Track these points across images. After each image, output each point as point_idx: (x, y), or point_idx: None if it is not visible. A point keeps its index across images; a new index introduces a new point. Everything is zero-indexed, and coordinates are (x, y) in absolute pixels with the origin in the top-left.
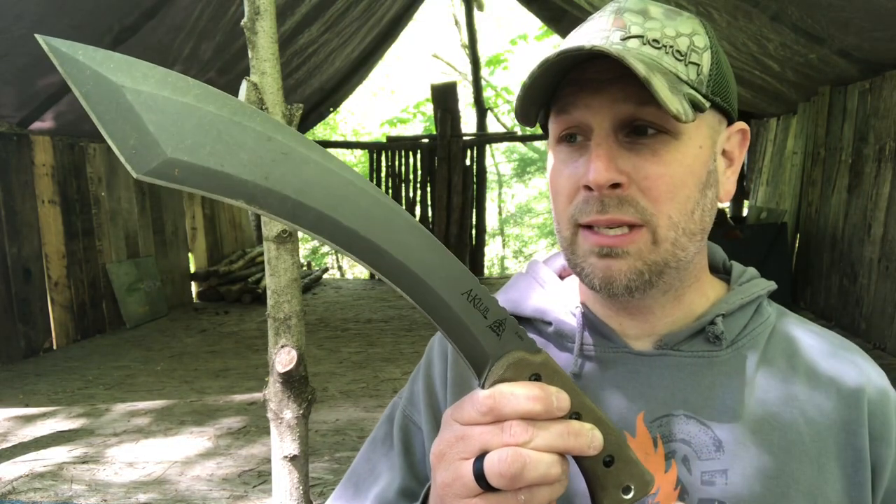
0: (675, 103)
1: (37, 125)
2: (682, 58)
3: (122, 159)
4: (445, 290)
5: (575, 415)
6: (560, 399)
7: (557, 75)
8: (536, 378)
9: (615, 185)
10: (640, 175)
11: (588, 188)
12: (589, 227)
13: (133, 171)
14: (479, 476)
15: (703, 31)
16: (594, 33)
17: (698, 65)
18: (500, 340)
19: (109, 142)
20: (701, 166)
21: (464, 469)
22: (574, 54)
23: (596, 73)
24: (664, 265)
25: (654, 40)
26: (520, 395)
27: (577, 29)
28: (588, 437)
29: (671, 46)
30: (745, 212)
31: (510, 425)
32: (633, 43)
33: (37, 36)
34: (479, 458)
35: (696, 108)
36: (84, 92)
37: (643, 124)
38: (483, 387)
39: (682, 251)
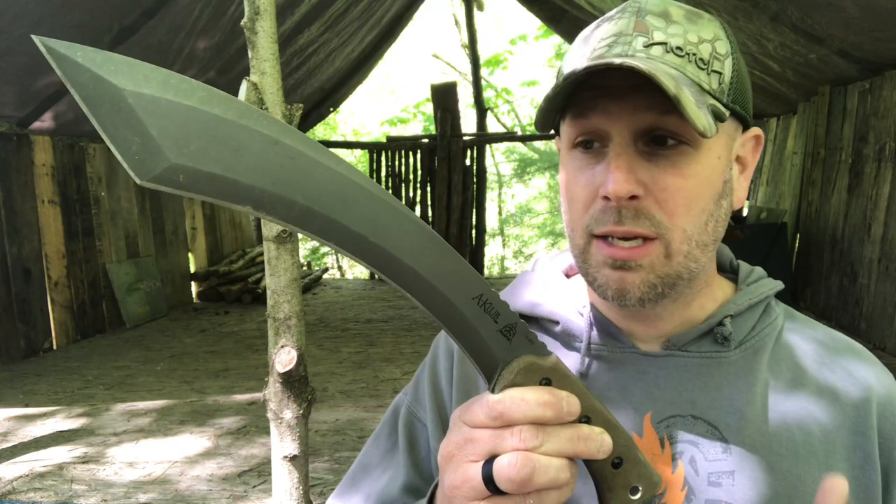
0: (701, 119)
1: (37, 125)
2: (704, 66)
3: (125, 165)
4: (456, 295)
5: (584, 418)
6: (570, 404)
7: (578, 79)
8: (546, 382)
9: (633, 197)
10: (658, 187)
11: (606, 198)
12: (603, 237)
13: (136, 178)
14: (488, 479)
15: (725, 35)
16: (614, 37)
17: (720, 73)
18: (511, 345)
19: (112, 147)
20: (718, 177)
21: (472, 471)
22: (602, 67)
23: (617, 79)
24: (676, 277)
25: (678, 48)
26: (530, 400)
27: (595, 27)
28: (597, 442)
29: (694, 54)
30: (745, 212)
31: (520, 430)
32: (657, 50)
33: (34, 37)
34: (488, 462)
35: (717, 118)
36: (84, 95)
37: (664, 134)
38: (493, 391)
39: (694, 263)
